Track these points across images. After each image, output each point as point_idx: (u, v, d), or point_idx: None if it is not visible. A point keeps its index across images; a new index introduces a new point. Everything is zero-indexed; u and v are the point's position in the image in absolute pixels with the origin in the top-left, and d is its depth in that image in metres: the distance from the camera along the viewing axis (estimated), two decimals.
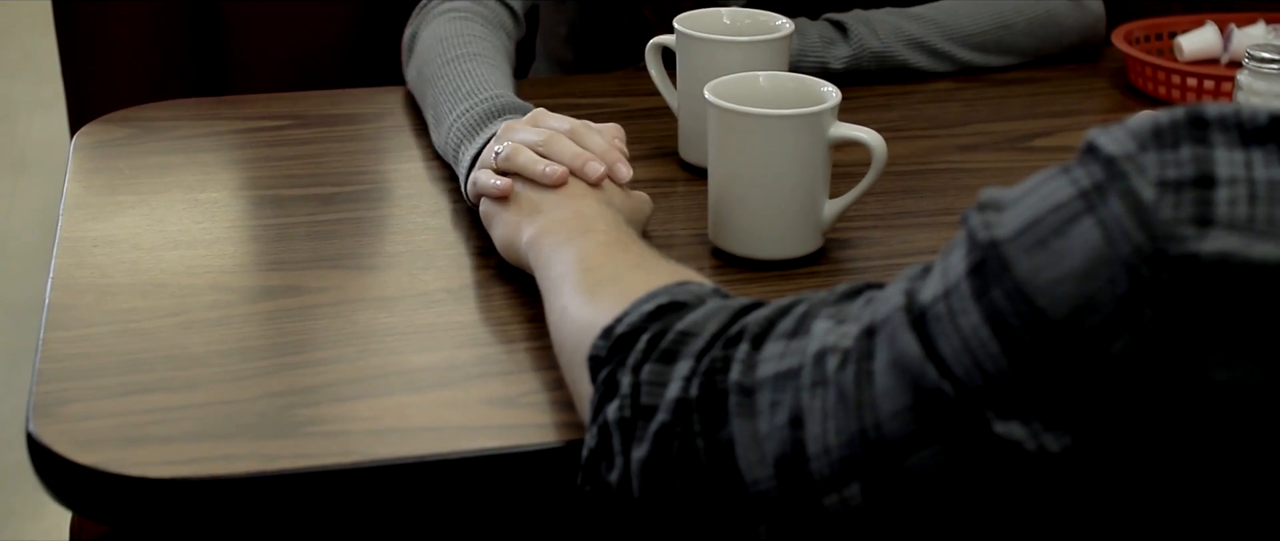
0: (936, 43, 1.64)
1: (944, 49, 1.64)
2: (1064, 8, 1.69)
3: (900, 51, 1.62)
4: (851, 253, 1.24)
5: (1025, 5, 1.67)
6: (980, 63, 1.66)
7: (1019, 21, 1.67)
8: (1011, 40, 1.67)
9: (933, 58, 1.64)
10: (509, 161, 1.15)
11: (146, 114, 1.56)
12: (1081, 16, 1.71)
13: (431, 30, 1.49)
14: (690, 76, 1.35)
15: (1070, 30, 1.70)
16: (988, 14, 1.66)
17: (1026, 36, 1.67)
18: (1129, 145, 0.64)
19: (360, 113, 1.56)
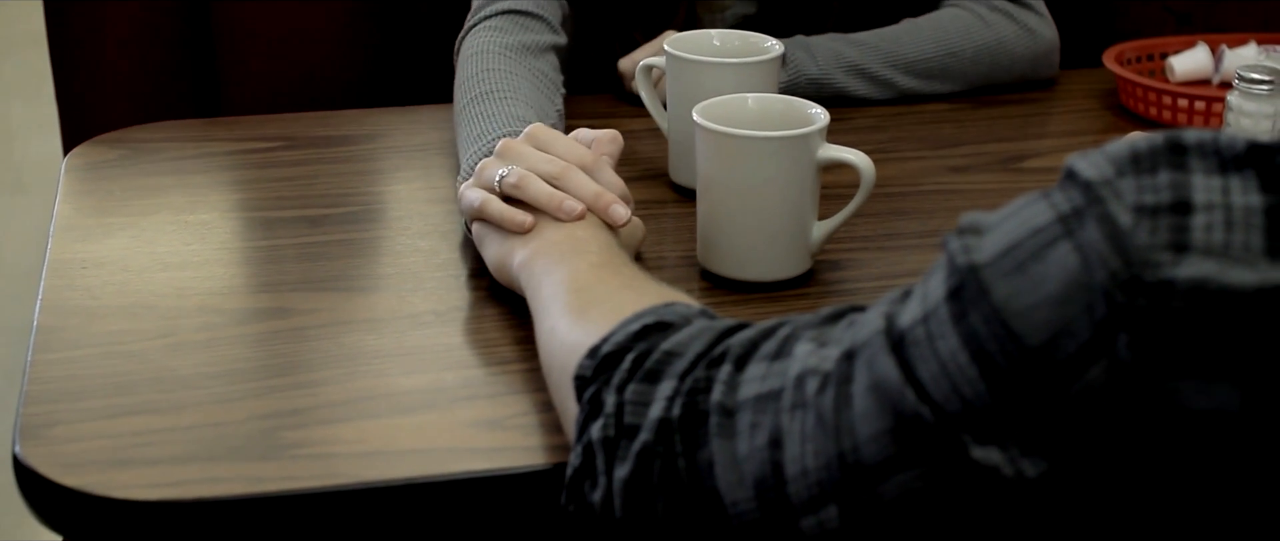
0: (877, 69, 1.63)
1: (884, 76, 1.63)
2: (1013, 35, 1.68)
3: (837, 78, 1.61)
4: (841, 274, 1.24)
5: (973, 32, 1.66)
6: (924, 90, 1.65)
7: (966, 48, 1.66)
8: (958, 67, 1.66)
9: (872, 84, 1.63)
10: (520, 190, 1.13)
11: (138, 135, 1.56)
12: (1032, 44, 1.69)
13: (467, 51, 1.49)
14: (680, 98, 1.36)
15: (1020, 58, 1.69)
16: (933, 40, 1.65)
17: (973, 64, 1.66)
18: (1107, 170, 0.64)
19: (352, 134, 1.56)
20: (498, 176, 1.14)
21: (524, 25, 1.52)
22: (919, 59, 1.64)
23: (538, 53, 1.50)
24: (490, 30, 1.51)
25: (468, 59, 1.47)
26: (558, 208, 1.11)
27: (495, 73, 1.43)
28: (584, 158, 1.15)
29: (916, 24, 1.67)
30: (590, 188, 1.13)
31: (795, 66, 1.59)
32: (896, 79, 1.63)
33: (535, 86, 1.44)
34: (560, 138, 1.18)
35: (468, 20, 1.55)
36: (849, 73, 1.61)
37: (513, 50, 1.48)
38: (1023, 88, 1.70)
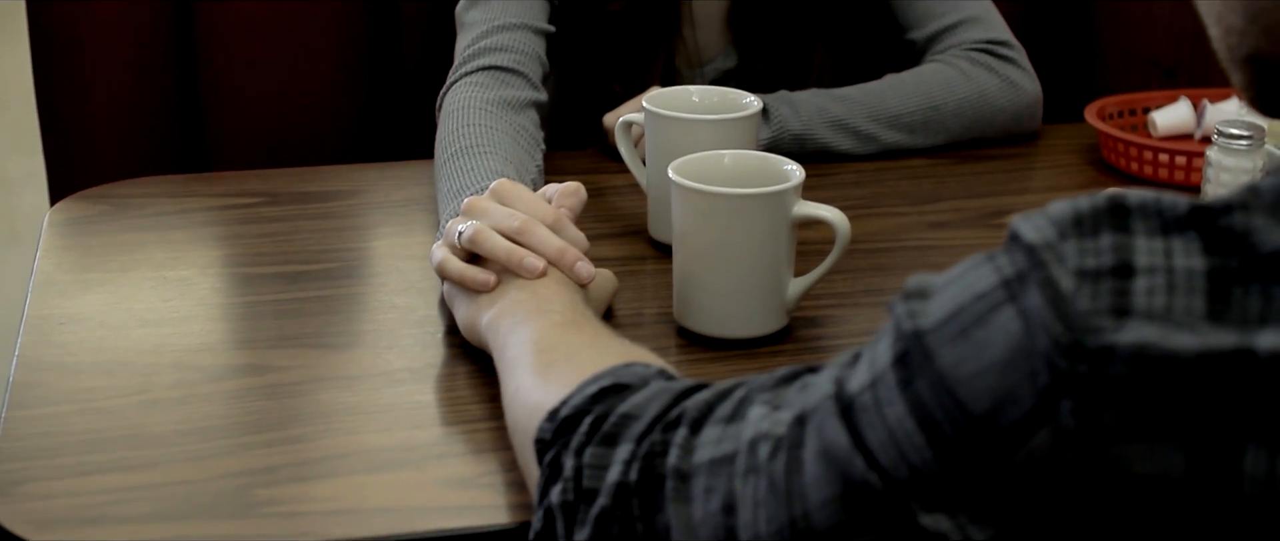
0: (860, 124, 1.63)
1: (868, 130, 1.63)
2: (996, 89, 1.69)
3: (822, 133, 1.61)
4: (818, 331, 1.24)
5: (955, 86, 1.67)
6: (907, 144, 1.65)
7: (948, 102, 1.66)
8: (940, 121, 1.66)
9: (856, 139, 1.63)
10: (477, 246, 1.14)
11: (121, 191, 1.57)
12: (1015, 98, 1.70)
13: (448, 107, 1.50)
14: (659, 154, 1.36)
15: (1002, 110, 1.69)
16: (916, 94, 1.66)
17: (955, 118, 1.67)
18: (1049, 234, 0.64)
19: (333, 190, 1.56)
20: (458, 233, 1.15)
21: (505, 81, 1.53)
22: (902, 113, 1.64)
23: (519, 109, 1.51)
24: (471, 86, 1.52)
25: (449, 115, 1.48)
26: (518, 265, 1.12)
27: (475, 128, 1.43)
28: (546, 213, 1.16)
29: (899, 78, 1.67)
30: (553, 244, 1.13)
31: (778, 121, 1.59)
32: (879, 133, 1.64)
33: (515, 142, 1.44)
34: (524, 193, 1.18)
35: (450, 76, 1.56)
36: (832, 127, 1.62)
37: (494, 106, 1.48)
38: (1006, 142, 1.70)
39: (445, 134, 1.45)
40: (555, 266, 1.13)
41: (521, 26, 1.58)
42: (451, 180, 1.36)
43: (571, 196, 1.20)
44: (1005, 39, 1.72)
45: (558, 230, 1.16)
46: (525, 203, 1.17)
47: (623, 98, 1.65)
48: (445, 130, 1.46)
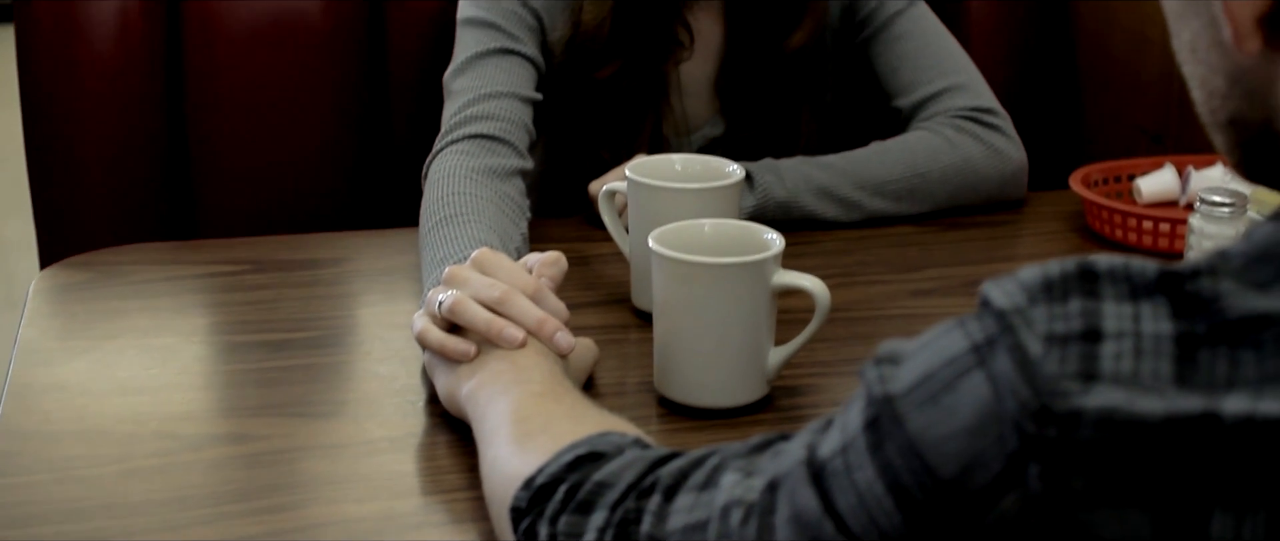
0: (845, 191, 1.63)
1: (853, 198, 1.64)
2: (981, 156, 1.69)
3: (806, 201, 1.62)
4: (799, 400, 1.24)
5: (940, 153, 1.67)
6: (892, 211, 1.65)
7: (933, 170, 1.66)
8: (925, 188, 1.67)
9: (840, 206, 1.63)
10: (457, 316, 1.14)
11: (107, 258, 1.57)
12: (1000, 165, 1.70)
13: (434, 175, 1.50)
14: (641, 223, 1.36)
15: (987, 178, 1.70)
16: (901, 162, 1.66)
17: (941, 185, 1.67)
18: (1019, 299, 0.64)
19: (319, 258, 1.56)
20: (438, 303, 1.15)
21: (491, 149, 1.53)
22: (887, 180, 1.65)
23: (504, 177, 1.51)
24: (457, 154, 1.52)
25: (434, 183, 1.48)
26: (498, 335, 1.12)
27: (460, 196, 1.43)
28: (526, 283, 1.16)
29: (884, 146, 1.68)
30: (532, 314, 1.13)
31: (763, 189, 1.60)
32: (864, 201, 1.64)
33: (500, 210, 1.45)
34: (505, 263, 1.18)
35: (436, 144, 1.56)
36: (817, 195, 1.62)
37: (479, 174, 1.49)
38: (991, 209, 1.71)
39: (430, 202, 1.45)
40: (535, 337, 1.13)
41: (508, 94, 1.59)
42: (435, 249, 1.36)
43: (552, 266, 1.21)
44: (991, 106, 1.73)
45: (538, 300, 1.16)
46: (506, 272, 1.17)
47: (610, 165, 1.65)
48: (430, 198, 1.46)
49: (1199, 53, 0.74)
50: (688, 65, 1.74)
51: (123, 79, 1.89)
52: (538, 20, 1.65)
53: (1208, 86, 0.74)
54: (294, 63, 1.93)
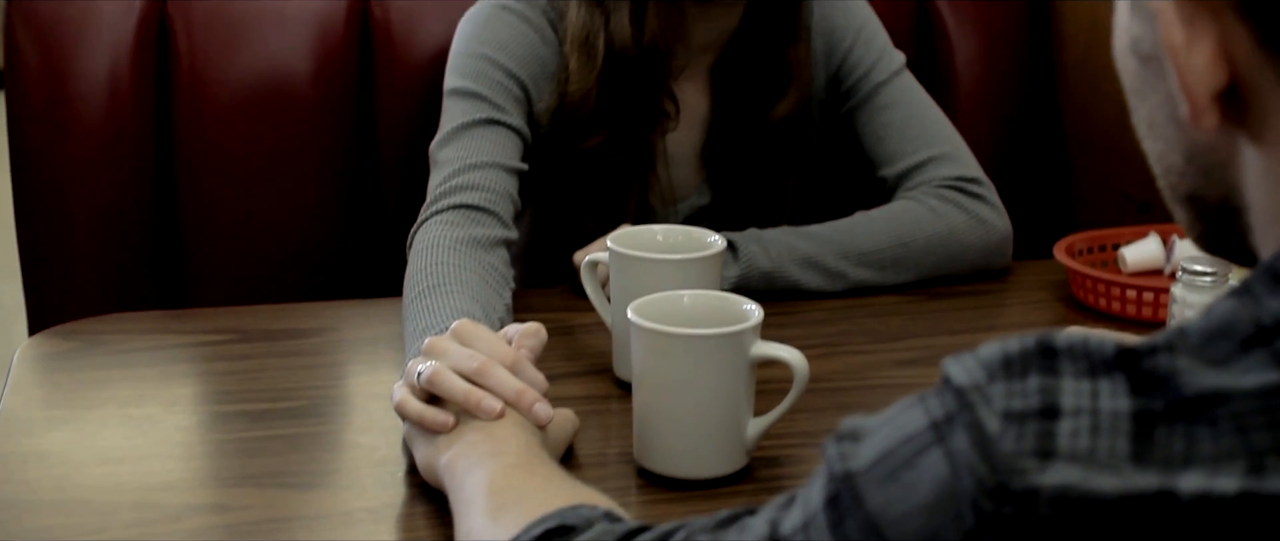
0: (829, 261, 1.64)
1: (837, 268, 1.64)
2: (965, 226, 1.70)
3: (791, 271, 1.62)
4: (779, 471, 1.24)
5: (924, 223, 1.68)
6: (876, 281, 1.66)
7: (918, 239, 1.67)
8: (910, 258, 1.67)
9: (825, 276, 1.64)
10: (435, 387, 1.15)
11: (92, 327, 1.57)
12: (985, 235, 1.71)
13: (418, 245, 1.50)
14: (623, 293, 1.37)
15: (972, 248, 1.70)
16: (885, 232, 1.67)
17: (925, 255, 1.68)
18: (979, 375, 0.65)
19: (303, 327, 1.57)
20: (417, 373, 1.15)
21: (475, 219, 1.54)
22: (871, 250, 1.65)
23: (488, 247, 1.52)
24: (442, 224, 1.53)
25: (418, 253, 1.49)
26: (475, 406, 1.12)
27: (443, 267, 1.44)
28: (505, 354, 1.16)
29: (869, 216, 1.69)
30: (511, 385, 1.14)
31: (748, 259, 1.60)
32: (848, 271, 1.65)
33: (484, 281, 1.45)
34: (485, 333, 1.19)
35: (421, 214, 1.57)
36: (801, 265, 1.63)
37: (463, 244, 1.49)
38: (976, 279, 1.71)
39: (414, 272, 1.46)
40: (513, 408, 1.14)
41: (493, 165, 1.59)
42: (417, 319, 1.36)
43: (532, 337, 1.21)
44: (975, 176, 1.73)
45: (517, 371, 1.16)
46: (485, 343, 1.18)
47: (597, 235, 1.66)
48: (414, 268, 1.46)
49: (1157, 129, 0.74)
50: (674, 135, 1.75)
51: (112, 145, 1.90)
52: (524, 91, 1.66)
53: (1166, 162, 0.75)
54: (284, 130, 1.94)
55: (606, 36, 1.65)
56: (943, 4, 2.14)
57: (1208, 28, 0.67)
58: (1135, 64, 0.75)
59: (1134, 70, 0.75)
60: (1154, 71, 0.73)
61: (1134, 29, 0.74)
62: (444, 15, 1.89)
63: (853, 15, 1.79)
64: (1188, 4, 0.68)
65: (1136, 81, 0.75)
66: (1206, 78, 0.68)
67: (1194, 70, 0.68)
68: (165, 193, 1.93)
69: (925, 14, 2.14)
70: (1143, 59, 0.74)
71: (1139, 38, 0.73)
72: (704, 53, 1.74)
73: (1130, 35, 0.74)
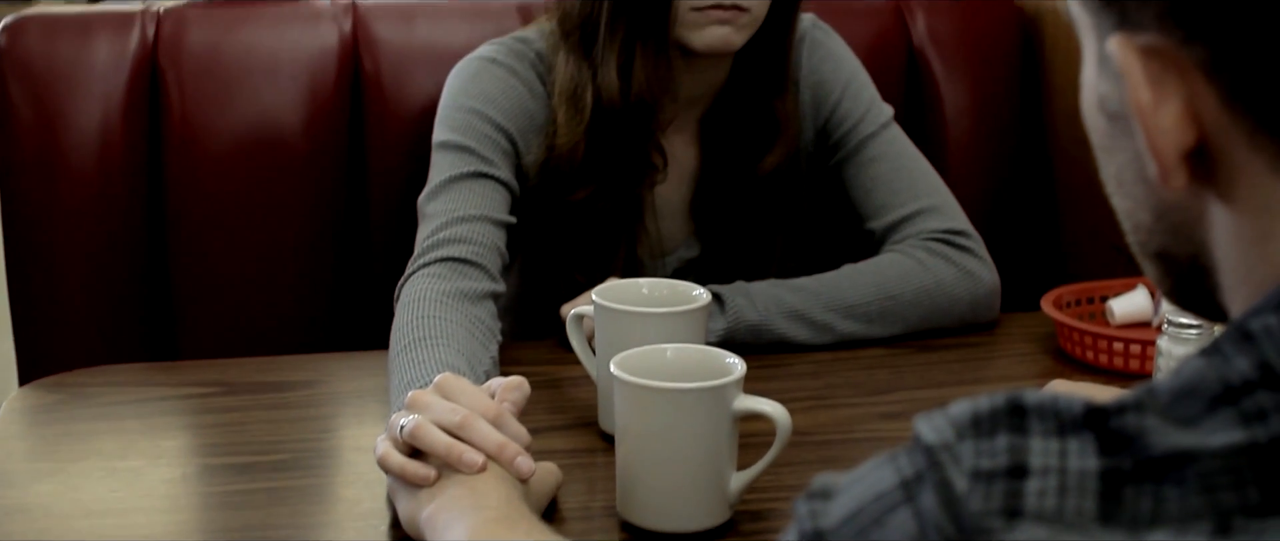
0: (817, 314, 1.64)
1: (824, 320, 1.64)
2: (952, 278, 1.70)
3: (778, 323, 1.62)
4: (762, 525, 1.24)
5: (912, 275, 1.68)
6: (864, 334, 1.66)
7: (905, 292, 1.67)
8: (897, 311, 1.67)
9: (812, 329, 1.64)
10: (417, 440, 1.15)
11: (79, 379, 1.57)
12: (972, 288, 1.71)
13: (405, 298, 1.51)
14: (608, 347, 1.37)
15: (959, 301, 1.70)
16: (873, 285, 1.67)
17: (912, 307, 1.68)
18: (948, 434, 0.65)
19: (289, 380, 1.57)
20: (400, 427, 1.16)
21: (463, 272, 1.54)
22: (858, 303, 1.66)
23: (475, 300, 1.52)
24: (429, 277, 1.53)
25: (405, 306, 1.49)
26: (458, 460, 1.12)
27: (429, 320, 1.44)
28: (488, 407, 1.16)
29: (856, 269, 1.69)
30: (493, 438, 1.14)
31: (734, 312, 1.60)
32: (836, 323, 1.65)
33: (470, 333, 1.45)
34: (467, 387, 1.19)
35: (408, 266, 1.57)
36: (788, 318, 1.63)
37: (449, 297, 1.49)
38: (964, 331, 1.71)
39: (400, 325, 1.46)
40: (495, 461, 1.14)
41: (481, 218, 1.60)
42: (402, 372, 1.36)
43: (514, 390, 1.21)
44: (963, 228, 1.74)
45: (499, 425, 1.16)
46: (468, 397, 1.18)
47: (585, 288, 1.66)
48: (400, 321, 1.47)
49: (1126, 186, 0.75)
50: (662, 188, 1.75)
51: (103, 195, 1.90)
52: (512, 144, 1.67)
53: (1135, 219, 0.75)
54: (274, 181, 1.94)
55: (594, 89, 1.66)
56: (933, 56, 2.15)
57: (1175, 87, 0.68)
58: (1103, 122, 0.75)
59: (1102, 128, 0.75)
60: (1121, 129, 0.73)
61: (1101, 87, 0.74)
62: (434, 68, 1.89)
63: (841, 68, 1.80)
64: (1155, 64, 0.68)
65: (1105, 139, 0.75)
66: (1174, 137, 0.68)
67: (1162, 130, 0.68)
68: (156, 243, 1.93)
69: (915, 66, 2.15)
70: (1110, 117, 0.74)
71: (1106, 96, 0.74)
72: (692, 105, 1.74)
73: (1098, 93, 0.75)
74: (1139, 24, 0.69)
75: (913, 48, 2.15)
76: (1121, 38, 0.69)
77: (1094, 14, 0.73)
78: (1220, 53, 0.66)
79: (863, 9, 2.16)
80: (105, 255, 1.92)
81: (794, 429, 1.20)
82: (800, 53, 1.78)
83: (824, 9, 1.93)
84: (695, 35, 1.63)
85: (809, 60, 1.78)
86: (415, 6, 2.02)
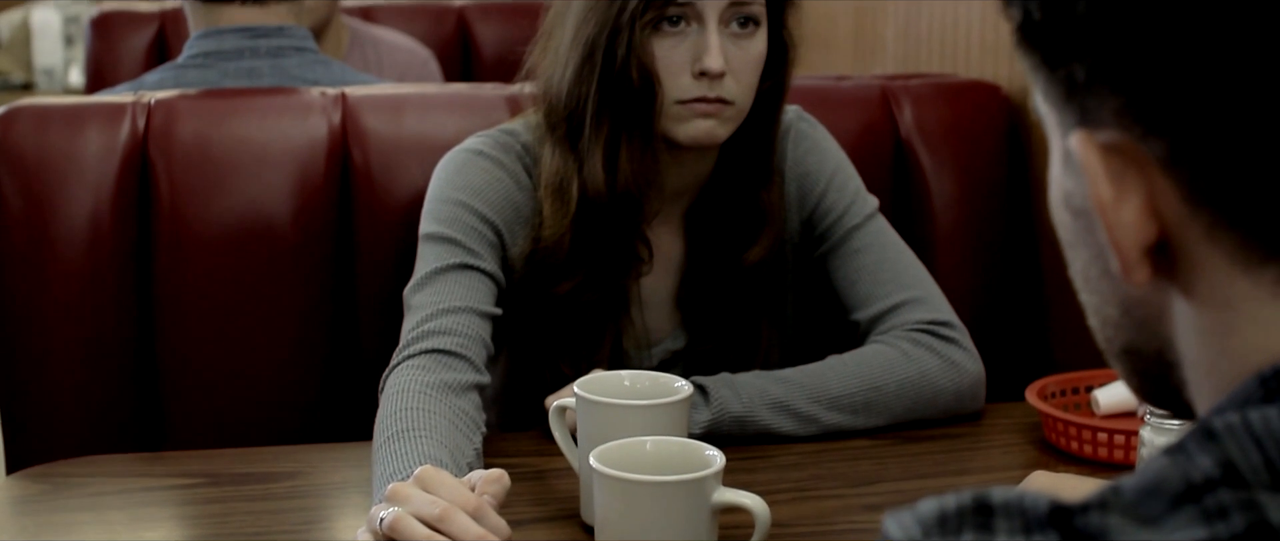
0: (801, 406, 1.64)
1: (809, 412, 1.64)
2: (937, 369, 1.70)
3: (763, 415, 1.62)
4: None
5: (896, 367, 1.68)
6: (848, 425, 1.66)
7: (889, 383, 1.68)
8: (881, 402, 1.67)
9: (796, 420, 1.64)
10: (396, 533, 1.15)
11: (65, 469, 1.58)
12: (957, 378, 1.71)
13: (389, 389, 1.51)
14: (590, 439, 1.37)
15: (944, 391, 1.70)
16: (857, 376, 1.67)
17: (897, 399, 1.68)
18: (914, 532, 0.65)
19: (273, 471, 1.57)
20: (379, 520, 1.16)
21: (447, 364, 1.54)
22: (843, 395, 1.66)
23: (459, 391, 1.52)
24: (413, 369, 1.53)
25: (389, 397, 1.49)
26: None
27: (413, 411, 1.44)
28: (468, 500, 1.17)
29: (841, 360, 1.69)
30: (472, 531, 1.14)
31: (719, 404, 1.60)
32: (820, 415, 1.65)
33: (453, 426, 1.45)
34: (448, 480, 1.19)
35: (393, 358, 1.58)
36: (773, 409, 1.63)
37: (434, 389, 1.50)
38: (949, 422, 1.71)
39: (384, 417, 1.46)
40: None
41: (466, 310, 1.60)
42: (385, 464, 1.37)
43: (494, 483, 1.21)
44: (947, 319, 1.74)
45: (479, 518, 1.16)
46: (448, 490, 1.18)
47: (571, 379, 1.67)
48: (384, 413, 1.47)
49: (1091, 282, 0.75)
50: (648, 279, 1.76)
51: (93, 285, 1.91)
52: (498, 236, 1.68)
53: (1102, 315, 0.75)
54: (264, 272, 1.95)
55: (580, 182, 1.67)
56: (920, 146, 2.16)
57: (1136, 183, 0.68)
58: (1068, 218, 0.76)
59: (1067, 224, 0.76)
60: (1085, 225, 0.74)
61: (1066, 183, 0.75)
62: (423, 160, 1.90)
63: (826, 160, 1.81)
64: (1115, 160, 0.69)
65: (1070, 235, 0.76)
66: (1135, 233, 0.69)
67: (1123, 225, 0.69)
68: (145, 332, 1.93)
69: (903, 155, 2.17)
70: (1075, 213, 0.75)
71: (1071, 192, 0.75)
72: (678, 197, 1.76)
73: (1063, 189, 0.75)
74: (1099, 120, 0.70)
75: (900, 137, 2.16)
76: (1082, 135, 0.70)
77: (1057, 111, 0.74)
78: (1179, 147, 0.67)
79: (850, 99, 2.18)
80: (94, 345, 1.92)
81: (774, 521, 1.20)
82: (785, 144, 1.79)
83: (812, 98, 1.95)
84: (680, 128, 1.64)
85: (794, 152, 1.80)
86: (404, 98, 2.04)
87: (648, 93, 1.62)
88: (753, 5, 1.64)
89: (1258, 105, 0.64)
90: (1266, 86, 0.64)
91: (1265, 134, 0.64)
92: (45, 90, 4.86)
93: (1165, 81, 0.66)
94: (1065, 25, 0.69)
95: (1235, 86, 0.64)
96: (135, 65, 3.21)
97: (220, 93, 2.07)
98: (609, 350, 1.74)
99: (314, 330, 1.97)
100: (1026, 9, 0.71)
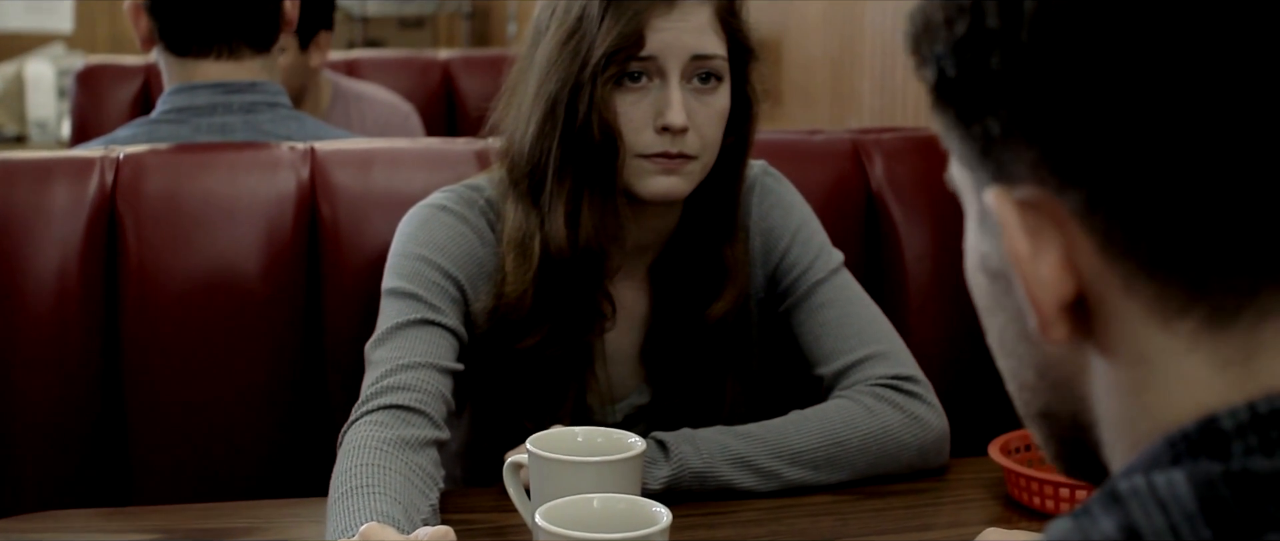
0: (762, 461, 1.64)
1: (770, 467, 1.64)
2: (900, 424, 1.69)
3: (723, 470, 1.62)
4: None
5: (858, 421, 1.68)
6: (811, 480, 1.65)
7: (852, 438, 1.67)
8: (844, 457, 1.67)
9: (758, 476, 1.63)
10: None
11: (24, 525, 1.57)
12: (920, 433, 1.71)
13: (347, 445, 1.51)
14: (542, 496, 1.37)
15: (907, 447, 1.70)
16: (819, 431, 1.66)
17: (859, 454, 1.67)
18: None
19: (230, 527, 1.56)
20: None
21: (406, 420, 1.54)
22: (805, 450, 1.65)
23: (417, 447, 1.52)
24: (371, 424, 1.53)
25: (346, 453, 1.49)
26: None
27: (368, 468, 1.44)
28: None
29: (803, 415, 1.69)
30: None
31: (679, 459, 1.60)
32: (782, 470, 1.64)
33: (408, 482, 1.45)
34: (392, 537, 1.19)
35: (352, 413, 1.57)
36: (734, 464, 1.62)
37: (390, 445, 1.49)
38: (912, 477, 1.71)
39: (340, 472, 1.46)
40: None
41: (426, 365, 1.60)
42: (338, 520, 1.36)
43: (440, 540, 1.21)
44: (911, 374, 1.74)
45: None
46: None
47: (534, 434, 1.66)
48: (340, 469, 1.47)
49: (1007, 345, 0.75)
50: (612, 335, 1.76)
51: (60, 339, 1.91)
52: (460, 291, 1.68)
53: (1019, 379, 0.75)
54: (231, 326, 1.95)
55: (542, 237, 1.67)
56: (891, 200, 2.16)
57: (1052, 238, 0.69)
58: (985, 281, 0.76)
59: (984, 288, 0.76)
60: (1002, 288, 0.74)
61: (982, 245, 0.75)
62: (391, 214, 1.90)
63: (790, 215, 1.81)
64: (1032, 215, 0.69)
65: (987, 299, 0.76)
66: (1053, 288, 0.69)
67: (1040, 280, 0.69)
68: (113, 387, 1.93)
69: (874, 210, 2.16)
70: (991, 276, 0.75)
71: (987, 254, 0.75)
72: (641, 253, 1.76)
73: (979, 252, 0.76)
74: (1015, 175, 0.70)
75: (871, 192, 2.17)
76: (998, 190, 0.71)
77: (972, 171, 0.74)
78: (1095, 197, 0.67)
79: (821, 153, 2.18)
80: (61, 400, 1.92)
81: None
82: (750, 200, 1.79)
83: (783, 152, 1.95)
84: (642, 183, 1.64)
85: (759, 207, 1.80)
86: (373, 153, 2.05)
87: (609, 148, 1.62)
88: (715, 60, 1.65)
89: (1172, 151, 0.64)
90: (1181, 132, 0.64)
91: (1180, 179, 0.65)
92: (38, 143, 4.88)
93: (1080, 130, 0.66)
94: (979, 80, 0.69)
95: (1150, 133, 0.64)
96: (120, 119, 3.21)
97: (189, 147, 2.07)
98: (572, 406, 1.74)
99: (282, 384, 1.97)
100: (940, 67, 0.72)
